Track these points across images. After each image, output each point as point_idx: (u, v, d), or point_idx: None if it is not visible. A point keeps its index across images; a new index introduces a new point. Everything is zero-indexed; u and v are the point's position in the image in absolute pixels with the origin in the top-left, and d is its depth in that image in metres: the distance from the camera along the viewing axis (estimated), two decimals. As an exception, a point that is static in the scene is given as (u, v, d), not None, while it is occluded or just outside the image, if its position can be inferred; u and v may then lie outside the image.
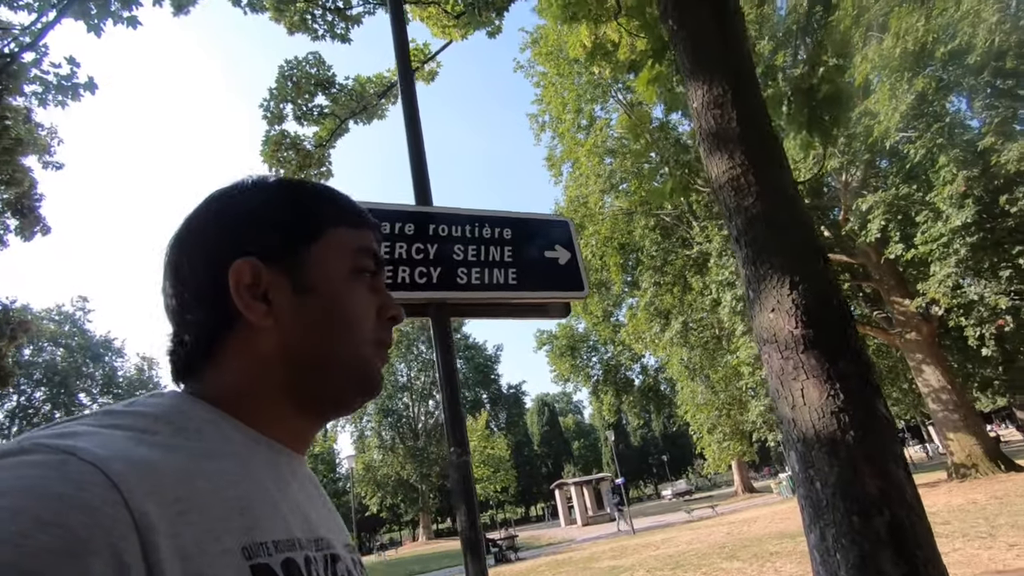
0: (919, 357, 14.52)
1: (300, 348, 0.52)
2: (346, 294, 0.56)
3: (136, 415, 0.41)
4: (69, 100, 4.22)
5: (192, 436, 0.43)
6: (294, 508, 0.48)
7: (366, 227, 0.61)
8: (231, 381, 0.50)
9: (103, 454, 0.34)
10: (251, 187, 0.57)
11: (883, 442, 2.46)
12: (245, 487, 0.43)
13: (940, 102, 11.80)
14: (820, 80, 3.31)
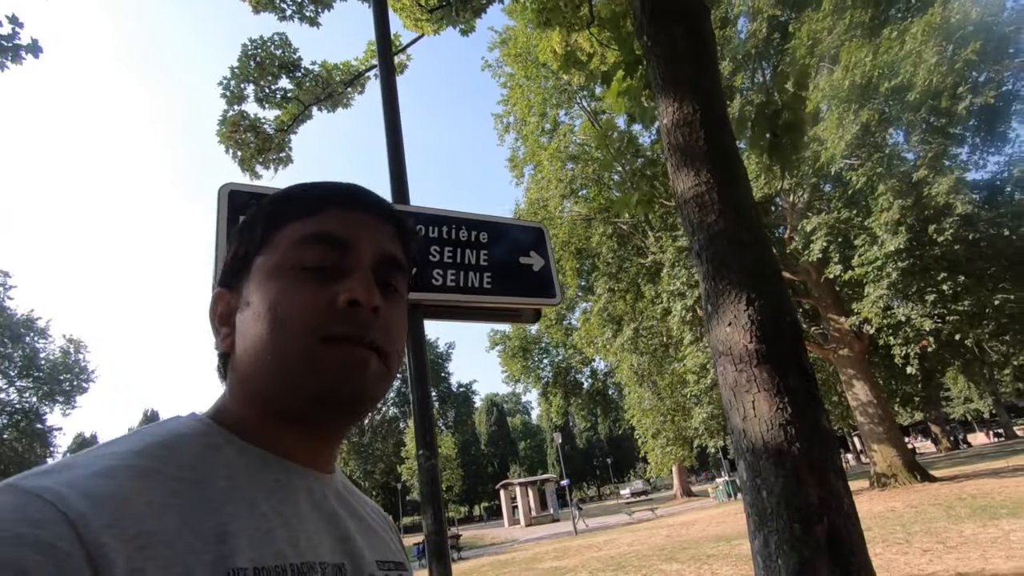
0: (851, 372, 15.40)
1: (242, 363, 0.52)
2: (271, 293, 0.52)
3: (141, 446, 0.43)
4: (9, 63, 3.92)
5: (186, 465, 0.43)
6: (296, 530, 0.47)
7: (325, 207, 0.56)
8: (230, 403, 0.53)
9: (65, 492, 0.35)
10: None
11: (825, 453, 2.60)
12: (229, 513, 0.42)
13: (881, 134, 12.57)
14: (782, 108, 3.45)
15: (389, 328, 0.54)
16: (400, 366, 0.57)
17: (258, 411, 0.51)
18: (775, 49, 15.14)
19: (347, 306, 0.51)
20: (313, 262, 0.52)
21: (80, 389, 33.76)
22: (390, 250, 0.57)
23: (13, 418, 31.92)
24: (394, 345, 0.55)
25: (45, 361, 32.95)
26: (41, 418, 32.68)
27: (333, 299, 0.51)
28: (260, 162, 6.21)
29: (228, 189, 1.61)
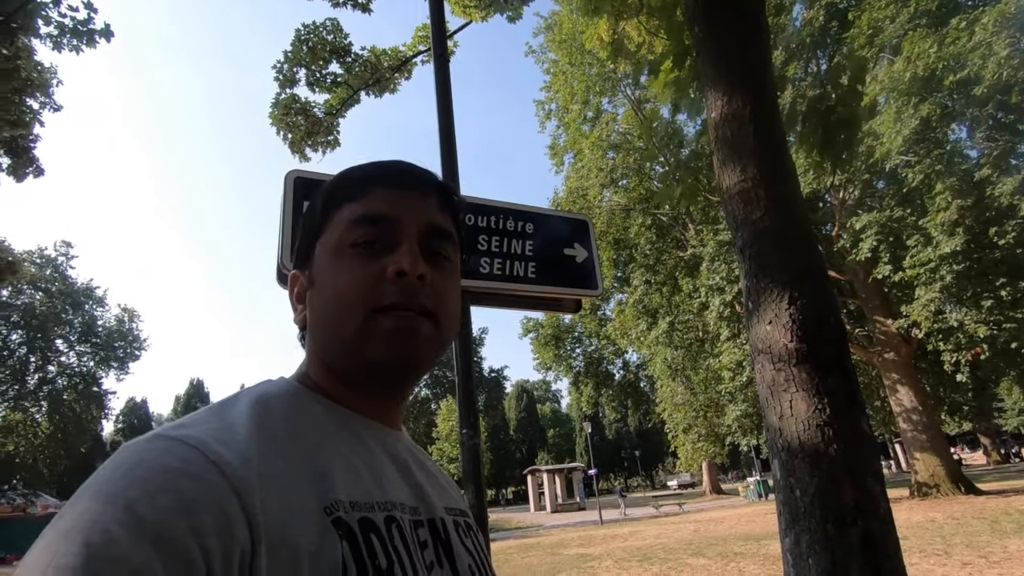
0: (895, 377, 14.87)
1: (313, 334, 0.60)
2: (330, 271, 0.58)
3: (247, 405, 0.51)
4: (84, 46, 4.15)
5: (280, 420, 0.50)
6: (378, 476, 0.54)
7: (371, 188, 0.61)
8: (310, 369, 0.60)
9: (204, 439, 0.43)
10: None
11: (864, 457, 2.58)
12: (324, 457, 0.50)
13: (943, 129, 11.96)
14: (836, 102, 3.37)
15: (439, 293, 0.58)
16: (455, 330, 0.62)
17: (332, 376, 0.59)
18: (832, 38, 14.52)
19: (395, 277, 0.55)
20: (363, 240, 0.57)
21: (133, 356, 35.57)
22: (436, 221, 0.61)
23: (72, 380, 33.96)
24: (445, 309, 0.59)
25: (102, 328, 34.82)
26: (97, 382, 34.65)
27: (382, 272, 0.56)
28: (309, 144, 6.39)
29: (294, 175, 1.71)
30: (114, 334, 35.14)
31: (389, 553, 0.48)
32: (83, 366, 34.53)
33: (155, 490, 0.38)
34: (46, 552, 0.36)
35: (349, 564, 0.44)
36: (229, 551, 0.38)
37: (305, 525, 0.43)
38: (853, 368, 2.78)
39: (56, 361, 33.97)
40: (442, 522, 0.58)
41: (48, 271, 33.15)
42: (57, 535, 0.37)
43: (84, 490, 0.40)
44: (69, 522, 0.37)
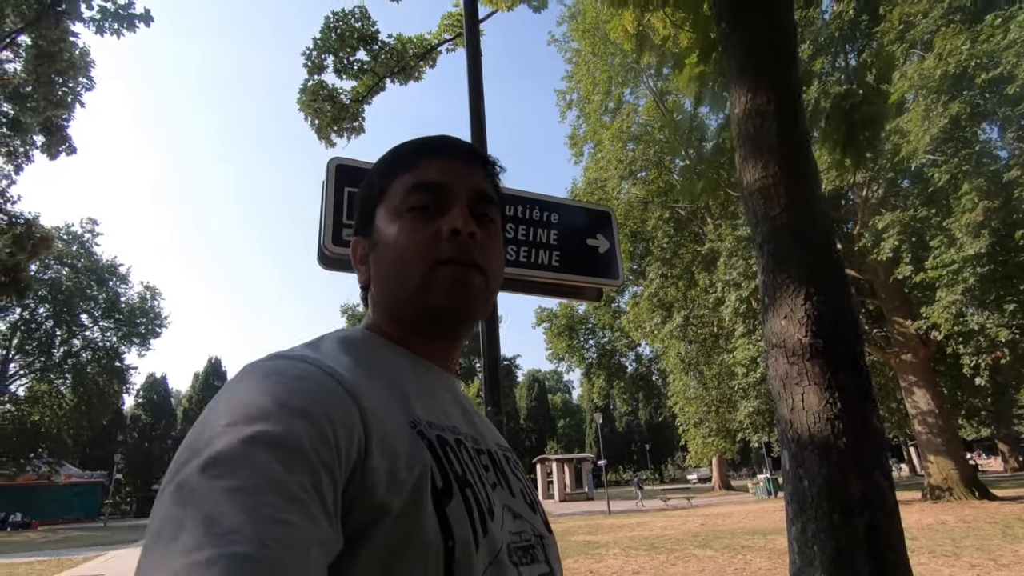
0: (912, 379, 14.73)
1: (378, 289, 0.68)
2: (392, 235, 0.65)
3: (332, 343, 0.59)
4: (125, 29, 4.29)
5: (365, 355, 0.59)
6: (444, 407, 0.62)
7: (423, 159, 0.68)
8: (375, 320, 0.69)
9: (317, 358, 0.53)
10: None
11: (872, 451, 2.64)
12: (403, 387, 0.58)
13: (972, 128, 11.73)
14: (861, 100, 3.38)
15: (487, 250, 0.66)
16: (499, 286, 0.71)
17: (396, 324, 0.67)
18: (862, 32, 14.24)
19: (450, 235, 0.63)
20: (419, 204, 0.65)
21: (154, 333, 36.41)
22: (481, 186, 0.69)
23: (96, 355, 34.87)
24: (492, 264, 0.66)
25: (125, 305, 35.66)
26: (120, 357, 35.54)
27: (438, 231, 0.63)
28: (335, 130, 6.51)
29: (336, 163, 1.81)
30: (136, 311, 35.95)
31: (463, 464, 0.56)
32: (106, 341, 35.42)
33: (293, 388, 0.47)
34: (217, 415, 0.44)
35: (434, 468, 0.51)
36: (350, 438, 0.46)
37: (398, 432, 0.51)
38: (866, 365, 2.84)
39: (81, 335, 34.89)
40: (496, 453, 0.67)
41: (75, 247, 33.94)
42: (216, 412, 0.45)
43: (227, 392, 0.48)
44: (225, 405, 0.45)
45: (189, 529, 0.36)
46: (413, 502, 0.48)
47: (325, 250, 1.71)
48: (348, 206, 1.81)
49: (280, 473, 0.40)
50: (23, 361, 33.64)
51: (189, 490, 0.39)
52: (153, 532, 0.38)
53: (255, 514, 0.37)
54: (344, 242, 1.73)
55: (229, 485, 0.38)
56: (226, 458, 0.40)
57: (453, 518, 0.50)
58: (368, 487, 0.46)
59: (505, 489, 0.62)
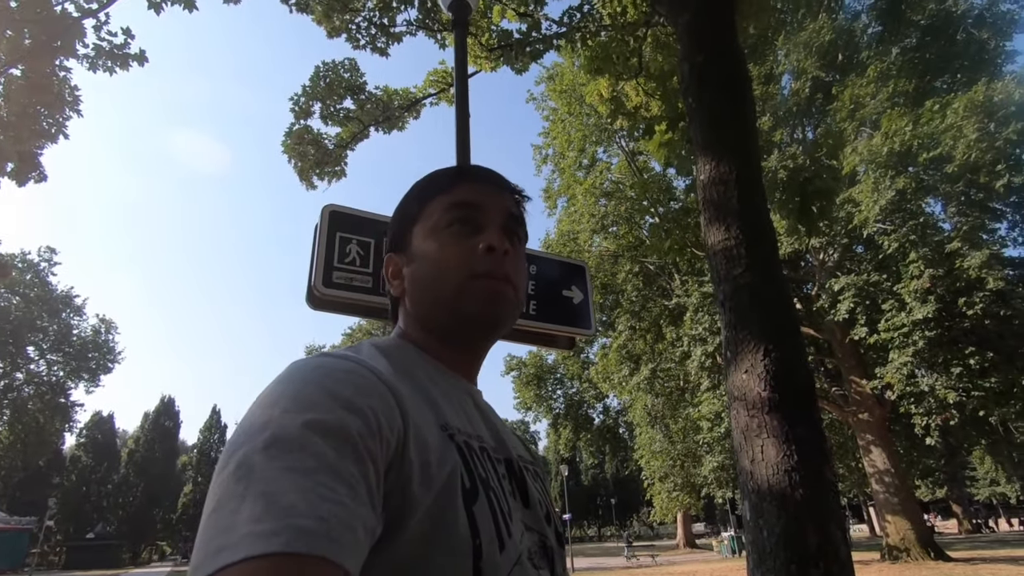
0: (869, 438, 15.12)
1: (414, 300, 0.71)
2: (430, 249, 0.69)
3: (368, 348, 0.63)
4: (118, 68, 4.40)
5: (398, 361, 0.62)
6: (468, 415, 0.65)
7: (459, 183, 0.73)
8: (408, 329, 0.73)
9: (360, 358, 0.56)
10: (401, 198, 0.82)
11: (827, 503, 2.76)
12: (433, 392, 0.61)
13: (917, 202, 12.63)
14: (813, 175, 3.69)
15: (517, 267, 0.71)
16: (524, 299, 0.76)
17: (427, 334, 0.70)
18: (817, 109, 15.38)
19: (486, 251, 0.67)
20: (457, 221, 0.69)
21: (105, 368, 34.68)
22: (513, 209, 0.74)
23: (39, 389, 32.94)
24: (520, 280, 0.71)
25: (77, 338, 34.04)
26: (66, 392, 33.62)
27: (474, 247, 0.67)
28: (316, 174, 6.65)
29: (329, 209, 1.92)
30: (89, 344, 34.32)
31: (486, 469, 0.59)
32: (52, 375, 33.54)
33: (340, 381, 0.50)
34: (271, 404, 0.47)
35: (463, 469, 0.54)
36: (392, 427, 0.49)
37: (431, 432, 0.55)
38: (820, 419, 3.00)
39: (25, 368, 33.01)
40: (516, 462, 0.68)
41: (28, 276, 32.57)
42: (269, 400, 0.48)
43: (279, 384, 0.50)
44: (278, 394, 0.48)
45: (251, 503, 0.38)
46: (444, 499, 0.51)
47: (315, 291, 1.79)
48: (340, 251, 1.90)
49: (333, 457, 0.43)
50: (-43, 394, 31.55)
51: (248, 468, 0.41)
52: (213, 506, 0.40)
53: (312, 493, 0.39)
54: (335, 284, 1.81)
55: (287, 465, 0.41)
56: (283, 440, 0.43)
57: (480, 518, 0.52)
58: (403, 479, 0.49)
59: (519, 500, 0.65)
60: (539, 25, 6.21)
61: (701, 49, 3.78)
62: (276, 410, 0.46)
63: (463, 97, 2.66)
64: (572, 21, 5.90)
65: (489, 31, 6.69)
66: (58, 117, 4.83)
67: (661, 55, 6.11)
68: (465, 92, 2.67)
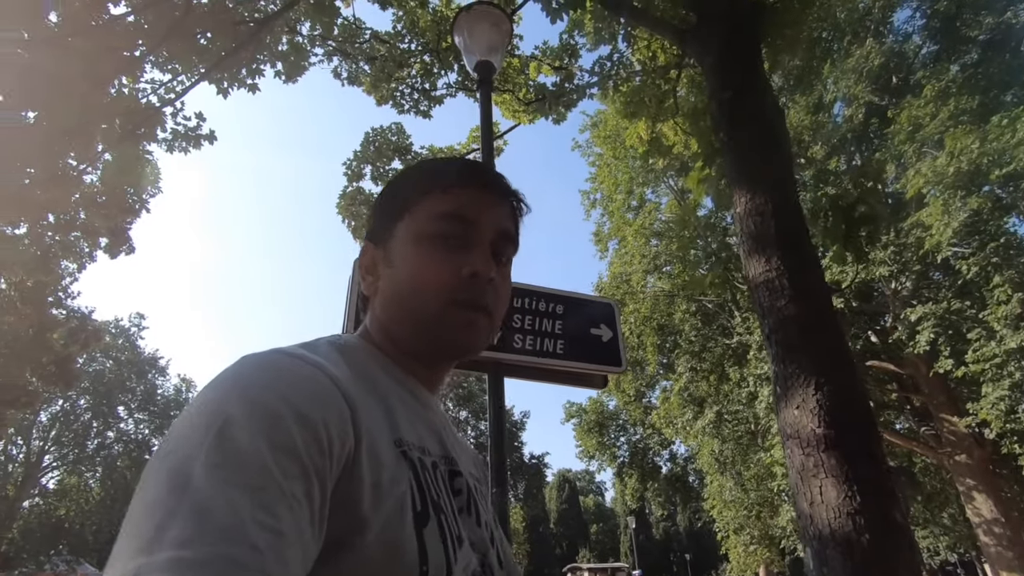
0: (970, 483, 13.63)
1: (383, 310, 0.67)
2: (412, 260, 0.64)
3: (327, 347, 0.60)
4: (191, 148, 4.93)
5: (358, 364, 0.60)
6: (424, 427, 0.63)
7: (460, 188, 0.67)
8: (372, 333, 0.69)
9: (319, 360, 0.53)
10: (387, 181, 0.78)
11: (898, 548, 2.54)
12: (390, 402, 0.59)
13: (996, 222, 11.77)
14: (858, 199, 3.58)
15: (499, 293, 0.67)
16: (500, 322, 0.71)
17: (392, 343, 0.67)
18: (874, 133, 14.86)
19: (469, 277, 0.63)
20: (445, 234, 0.64)
21: (185, 426, 36.65)
22: (506, 226, 0.69)
23: (128, 447, 35.16)
24: (499, 306, 0.68)
25: (160, 397, 36.41)
26: (150, 449, 35.68)
27: (459, 270, 0.63)
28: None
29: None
30: (171, 403, 36.55)
31: (437, 489, 0.57)
32: (139, 433, 35.82)
33: (294, 387, 0.47)
34: (216, 405, 0.44)
35: (415, 489, 0.53)
36: (343, 443, 0.47)
37: (385, 447, 0.52)
38: (884, 455, 2.80)
39: (115, 427, 35.42)
40: (468, 478, 0.67)
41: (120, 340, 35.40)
42: (216, 398, 0.45)
43: (228, 380, 0.47)
44: (226, 392, 0.46)
45: (181, 519, 0.35)
46: (394, 520, 0.48)
47: (348, 338, 1.90)
48: (371, 299, 2.01)
49: (277, 474, 0.40)
50: (57, 453, 34.11)
51: (185, 476, 0.38)
52: (142, 513, 0.37)
53: (249, 516, 0.37)
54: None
55: (226, 479, 0.38)
56: (226, 450, 0.40)
57: (429, 543, 0.50)
58: (352, 497, 0.46)
59: (472, 516, 0.63)
60: (573, 76, 6.45)
61: (728, 86, 3.82)
62: (222, 413, 0.43)
63: (488, 147, 2.82)
64: (604, 70, 6.11)
65: (526, 86, 7.00)
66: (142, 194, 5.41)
67: (695, 95, 6.19)
68: (490, 144, 2.83)
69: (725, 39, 3.79)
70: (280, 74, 5.87)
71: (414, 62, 6.25)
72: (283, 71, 5.79)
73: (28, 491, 30.98)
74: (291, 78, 6.05)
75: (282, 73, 5.96)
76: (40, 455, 32.81)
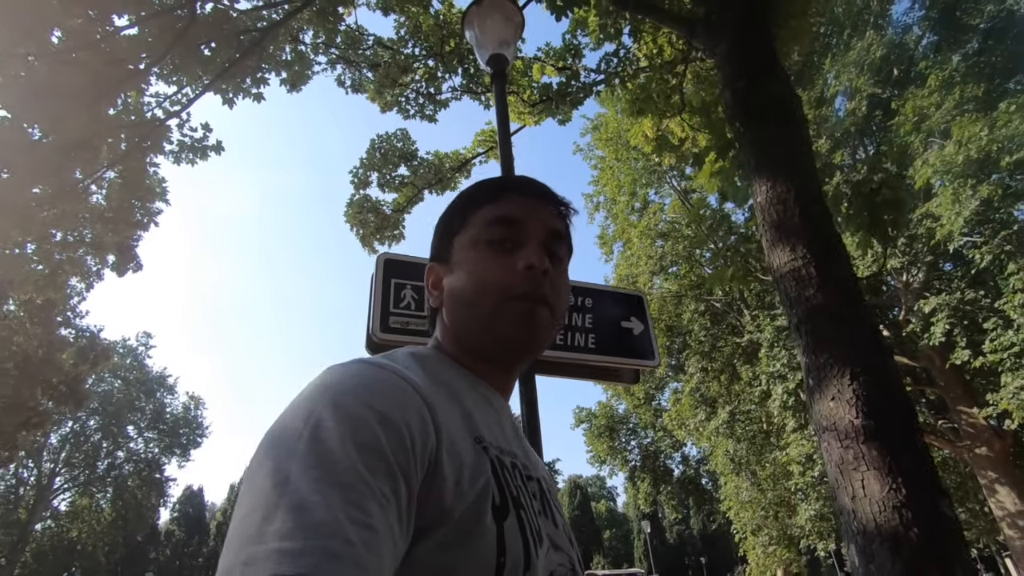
0: (991, 475, 13.41)
1: (451, 314, 0.71)
2: (470, 264, 0.68)
3: (404, 356, 0.63)
4: (198, 159, 4.89)
5: (433, 371, 0.63)
6: (500, 429, 0.65)
7: (503, 195, 0.72)
8: (443, 342, 0.73)
9: (397, 367, 0.56)
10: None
11: (950, 544, 2.43)
12: (467, 405, 0.61)
13: (1007, 209, 11.63)
14: (880, 185, 3.50)
15: (556, 287, 0.69)
16: (564, 317, 0.74)
17: (462, 348, 0.70)
18: (877, 126, 14.77)
19: (525, 270, 0.66)
20: (498, 237, 0.69)
21: (195, 443, 36.65)
22: (555, 226, 0.73)
23: (137, 466, 35.10)
24: (559, 300, 0.70)
25: (170, 415, 36.37)
26: (160, 468, 35.65)
27: (514, 265, 0.67)
28: (377, 239, 6.97)
29: (384, 257, 1.99)
30: (180, 421, 36.53)
31: (517, 487, 0.58)
32: (149, 452, 35.77)
33: (378, 393, 0.50)
34: (308, 410, 0.47)
35: (494, 484, 0.54)
36: (425, 443, 0.50)
37: (465, 445, 0.55)
38: (926, 446, 2.69)
39: (125, 447, 35.39)
40: (543, 482, 0.68)
41: (128, 360, 35.43)
42: (307, 405, 0.48)
43: (317, 389, 0.51)
44: (316, 400, 0.49)
45: (282, 515, 0.39)
46: (474, 512, 0.50)
47: (373, 337, 1.83)
48: (395, 296, 1.94)
49: (366, 475, 0.43)
50: (68, 475, 34.09)
51: (284, 475, 0.42)
52: (247, 508, 0.41)
53: (342, 513, 0.39)
54: (391, 329, 1.84)
55: (321, 478, 0.41)
56: (319, 452, 0.43)
57: (508, 536, 0.51)
58: (435, 494, 0.49)
59: (549, 519, 0.63)
60: (578, 75, 6.40)
61: (743, 74, 3.75)
62: (313, 418, 0.46)
63: (506, 144, 2.74)
64: (609, 67, 6.05)
65: (530, 88, 6.96)
66: (149, 207, 5.37)
67: (703, 90, 6.12)
68: (507, 139, 2.75)
69: (738, 27, 3.73)
70: (285, 82, 5.84)
71: (418, 67, 6.22)
72: (287, 80, 5.76)
73: (40, 514, 30.91)
74: (295, 87, 6.03)
75: (287, 82, 5.94)
76: (51, 477, 32.79)
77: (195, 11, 4.45)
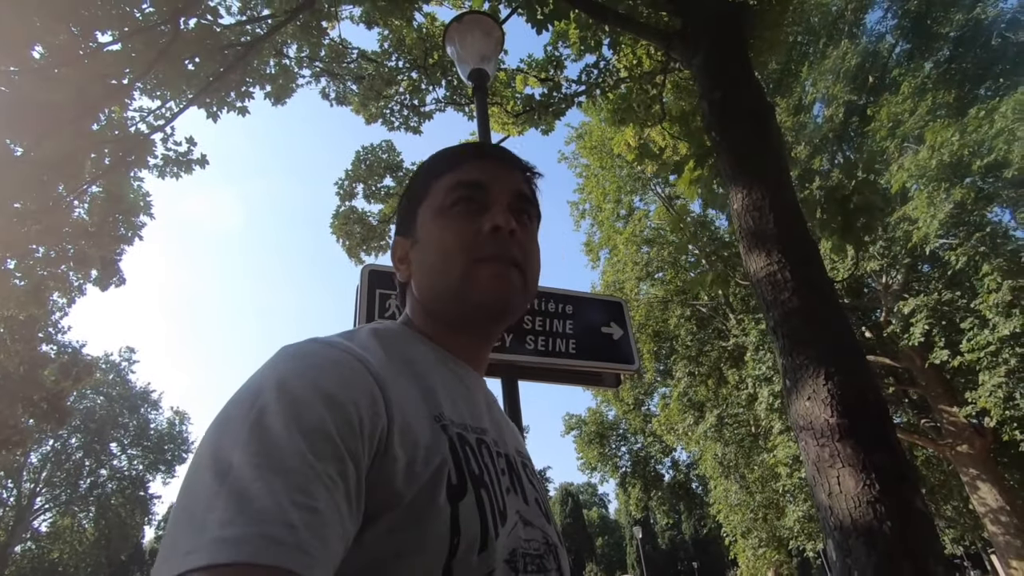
0: (973, 472, 13.66)
1: (419, 286, 0.69)
2: (436, 232, 0.66)
3: (366, 333, 0.62)
4: (183, 173, 4.90)
5: (395, 348, 0.61)
6: (467, 405, 0.63)
7: (465, 161, 0.70)
8: (412, 317, 0.72)
9: (349, 346, 0.55)
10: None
11: (922, 536, 2.52)
12: (431, 381, 0.59)
13: (980, 212, 11.95)
14: (853, 191, 3.62)
15: (525, 247, 0.68)
16: (536, 285, 0.71)
17: (433, 321, 0.68)
18: (854, 132, 15.11)
19: (491, 232, 0.64)
20: (463, 202, 0.67)
21: (180, 459, 36.02)
22: (520, 188, 0.71)
23: (121, 484, 34.40)
24: (530, 263, 0.68)
25: (154, 431, 35.74)
26: (145, 486, 34.96)
27: (479, 228, 0.65)
28: (364, 250, 7.00)
29: (368, 269, 2.04)
30: (165, 437, 35.92)
31: (482, 465, 0.57)
32: (132, 469, 35.09)
33: (325, 372, 0.50)
34: (255, 393, 0.47)
35: (451, 463, 0.53)
36: (374, 424, 0.48)
37: (420, 424, 0.53)
38: (899, 443, 2.79)
39: (108, 464, 34.69)
40: (514, 458, 0.67)
41: (111, 376, 34.82)
42: (253, 390, 0.48)
43: (264, 372, 0.50)
44: (261, 383, 0.48)
45: (223, 502, 0.38)
46: (426, 494, 0.49)
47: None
48: (380, 307, 1.99)
49: (311, 459, 0.42)
50: (49, 494, 33.32)
51: (226, 463, 0.41)
52: (187, 499, 0.40)
53: (285, 497, 0.39)
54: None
55: (263, 464, 0.41)
56: (262, 438, 0.43)
57: (464, 516, 0.50)
58: (386, 476, 0.48)
59: (519, 496, 0.62)
60: (560, 86, 6.51)
61: (718, 86, 3.86)
62: (259, 402, 0.46)
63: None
64: (591, 78, 6.17)
65: (514, 99, 7.06)
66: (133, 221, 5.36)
67: (682, 99, 6.26)
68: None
69: (712, 40, 3.84)
70: (269, 96, 5.88)
71: (402, 79, 6.29)
72: (272, 93, 5.80)
73: (19, 535, 30.16)
74: (280, 100, 6.07)
75: (271, 95, 5.98)
76: (31, 497, 32.01)
77: (179, 27, 4.48)
